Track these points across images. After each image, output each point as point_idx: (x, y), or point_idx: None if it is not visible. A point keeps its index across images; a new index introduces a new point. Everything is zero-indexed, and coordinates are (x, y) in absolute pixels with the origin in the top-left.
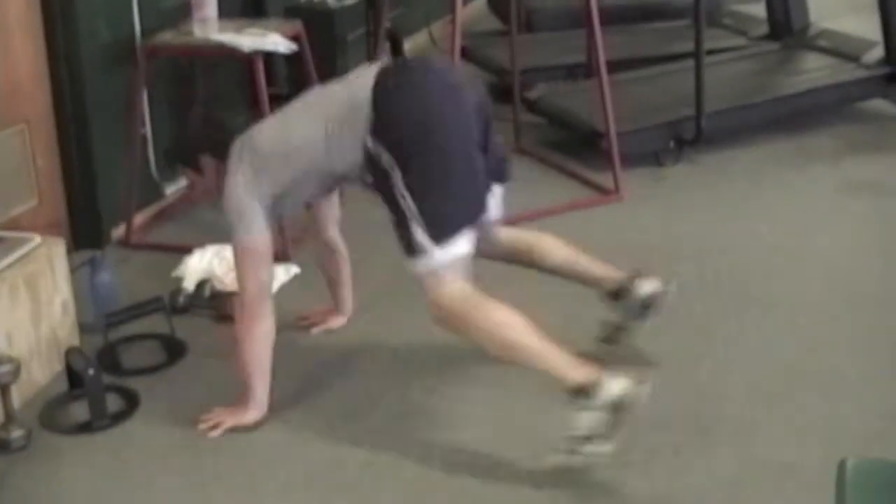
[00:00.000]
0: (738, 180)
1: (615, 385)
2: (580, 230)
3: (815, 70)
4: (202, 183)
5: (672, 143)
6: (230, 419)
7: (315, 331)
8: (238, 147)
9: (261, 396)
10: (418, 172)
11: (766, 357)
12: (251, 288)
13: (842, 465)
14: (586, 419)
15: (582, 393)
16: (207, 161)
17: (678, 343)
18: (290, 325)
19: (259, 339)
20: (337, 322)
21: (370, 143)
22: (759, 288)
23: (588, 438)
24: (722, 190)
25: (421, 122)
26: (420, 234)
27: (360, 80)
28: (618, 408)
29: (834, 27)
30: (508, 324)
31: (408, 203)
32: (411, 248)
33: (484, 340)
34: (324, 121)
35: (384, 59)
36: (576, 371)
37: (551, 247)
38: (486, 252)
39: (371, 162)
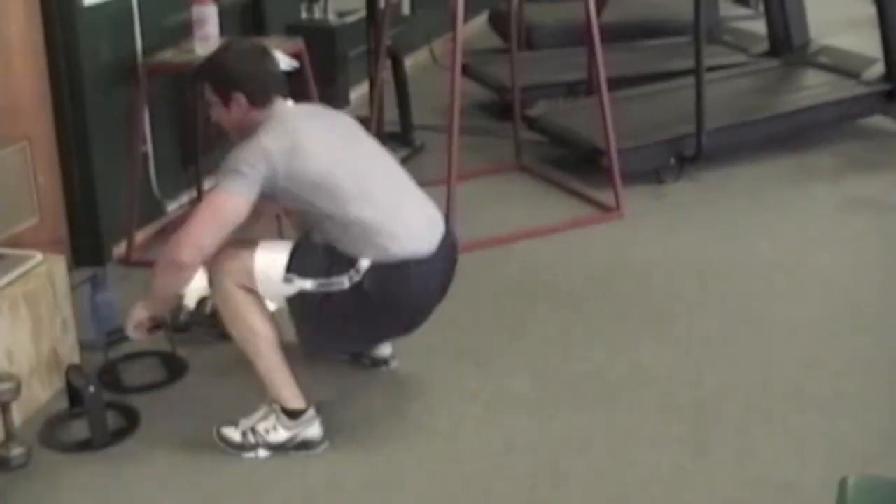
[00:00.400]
0: (738, 198)
1: (314, 428)
2: (581, 248)
3: (815, 87)
4: (224, 116)
5: (673, 161)
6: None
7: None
8: (282, 131)
9: (156, 300)
10: (354, 304)
11: (765, 375)
12: (200, 238)
13: (843, 483)
14: (282, 434)
15: (294, 415)
16: (239, 99)
17: (679, 362)
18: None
19: (178, 282)
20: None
21: (364, 263)
22: (760, 306)
23: (270, 446)
24: (722, 207)
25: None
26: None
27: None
28: (303, 445)
29: (834, 44)
30: (257, 332)
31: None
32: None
33: (235, 329)
34: (357, 212)
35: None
36: (296, 397)
37: None
38: None
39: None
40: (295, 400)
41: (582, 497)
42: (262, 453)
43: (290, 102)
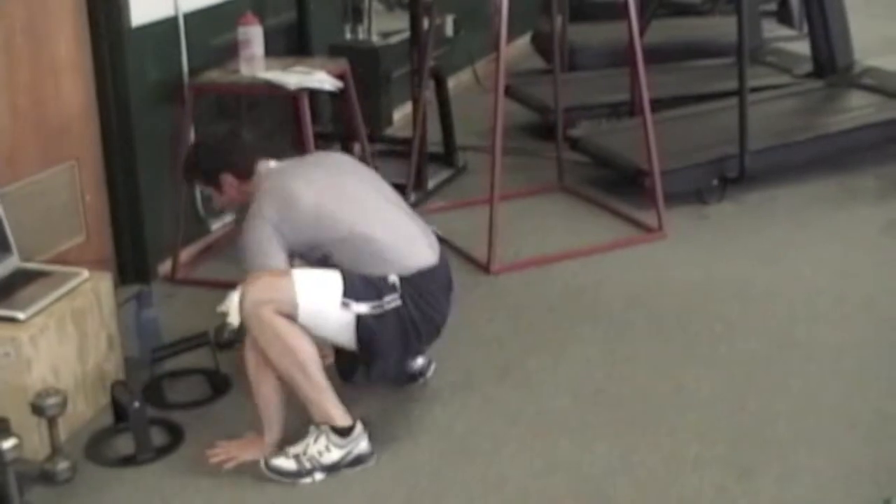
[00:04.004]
0: (781, 220)
1: (365, 443)
2: (623, 268)
3: (859, 108)
4: (220, 200)
5: (715, 182)
6: (243, 454)
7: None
8: (272, 188)
9: (274, 436)
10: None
11: (809, 398)
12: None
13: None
14: (336, 454)
15: (341, 433)
16: (228, 179)
17: (722, 384)
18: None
19: (271, 378)
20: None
21: (393, 279)
22: (802, 329)
23: (325, 468)
24: (765, 229)
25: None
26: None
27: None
28: (357, 461)
29: (879, 65)
30: (298, 356)
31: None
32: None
33: (276, 356)
34: (362, 242)
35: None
36: (343, 414)
37: None
38: None
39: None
40: (343, 417)
41: None
42: (319, 476)
43: (272, 162)
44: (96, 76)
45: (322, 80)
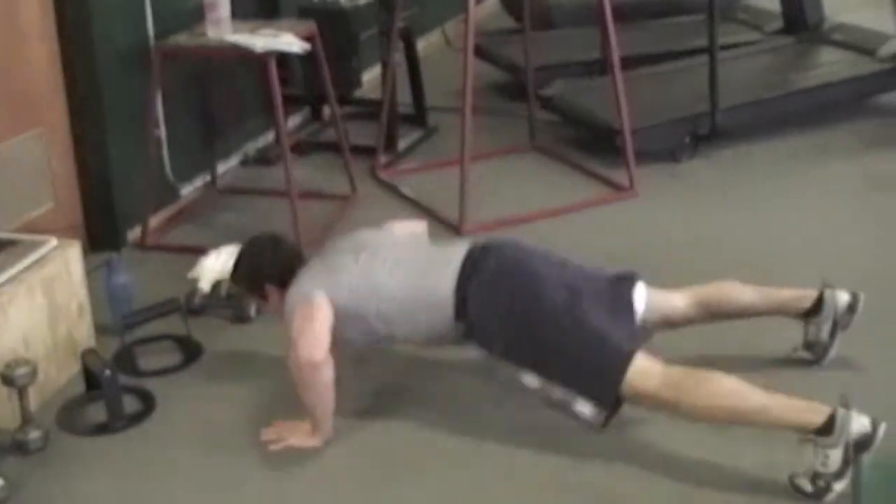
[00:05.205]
0: (754, 176)
1: (853, 422)
2: (595, 227)
3: (830, 64)
4: (266, 307)
5: (687, 139)
6: (294, 439)
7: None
8: (302, 287)
9: (327, 430)
10: (541, 361)
11: (784, 355)
12: (306, 342)
13: (859, 465)
14: (835, 456)
15: (826, 430)
16: (272, 289)
17: (695, 341)
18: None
19: (321, 383)
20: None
21: (461, 329)
22: (778, 284)
23: (837, 475)
24: (738, 186)
25: (512, 319)
26: (584, 406)
27: (439, 273)
28: (861, 445)
29: (849, 21)
30: (722, 392)
31: (552, 388)
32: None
33: (705, 416)
34: (401, 294)
35: (465, 247)
36: (811, 414)
37: (737, 287)
38: (671, 324)
39: (469, 341)
40: (812, 414)
41: (603, 473)
42: (838, 487)
43: (310, 261)
44: (61, 42)
45: (290, 42)
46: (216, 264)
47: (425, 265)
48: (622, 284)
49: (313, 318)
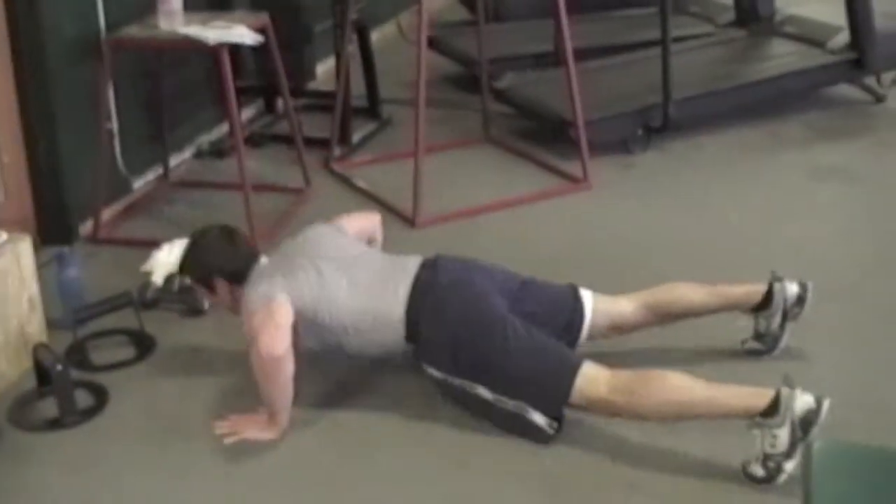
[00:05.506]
0: (706, 167)
1: (797, 400)
2: (549, 219)
3: (781, 56)
4: (213, 299)
5: (640, 131)
6: (250, 432)
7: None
8: (260, 288)
9: (283, 421)
10: (491, 375)
11: (736, 347)
12: (266, 341)
13: (809, 448)
14: (782, 436)
15: (770, 412)
16: (220, 282)
17: (647, 333)
18: None
19: (281, 377)
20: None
21: (409, 349)
22: (729, 276)
23: (786, 455)
24: (691, 177)
25: (459, 336)
26: (539, 418)
27: (392, 295)
28: (806, 422)
29: (800, 13)
30: (669, 388)
31: (504, 401)
32: (540, 436)
33: (655, 414)
34: (354, 314)
35: (418, 262)
36: (755, 398)
37: (685, 287)
38: (620, 330)
39: (419, 361)
40: (757, 398)
41: (552, 462)
42: (789, 466)
43: (263, 259)
44: (10, 33)
45: (242, 34)
46: (169, 258)
47: (379, 288)
48: (566, 295)
49: (273, 313)
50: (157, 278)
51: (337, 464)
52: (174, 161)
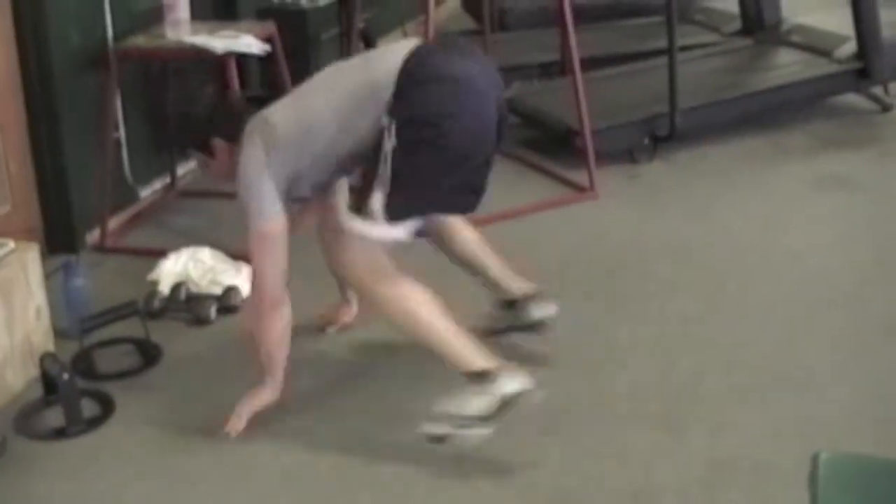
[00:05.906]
0: (711, 177)
1: (512, 381)
2: (555, 229)
3: (787, 65)
4: (214, 165)
5: (646, 141)
6: (250, 405)
7: (331, 329)
8: (251, 128)
9: (279, 378)
10: (413, 154)
11: (740, 354)
12: (269, 274)
13: (815, 460)
14: (478, 402)
15: (481, 378)
16: (220, 144)
17: (653, 340)
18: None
19: (280, 324)
20: (350, 315)
21: (384, 120)
22: (733, 285)
23: (476, 420)
24: (696, 187)
25: (437, 118)
26: (377, 202)
27: (385, 63)
28: (508, 402)
29: (806, 22)
30: (414, 300)
31: (385, 169)
32: (360, 209)
33: (390, 313)
34: (340, 99)
35: (414, 41)
36: (478, 358)
37: (466, 237)
38: (441, 241)
39: (379, 137)
40: (479, 360)
41: (557, 472)
42: (478, 431)
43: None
44: (18, 42)
45: (249, 43)
46: (175, 267)
47: (373, 55)
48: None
49: (269, 252)
50: (164, 287)
51: (339, 474)
52: (181, 170)
